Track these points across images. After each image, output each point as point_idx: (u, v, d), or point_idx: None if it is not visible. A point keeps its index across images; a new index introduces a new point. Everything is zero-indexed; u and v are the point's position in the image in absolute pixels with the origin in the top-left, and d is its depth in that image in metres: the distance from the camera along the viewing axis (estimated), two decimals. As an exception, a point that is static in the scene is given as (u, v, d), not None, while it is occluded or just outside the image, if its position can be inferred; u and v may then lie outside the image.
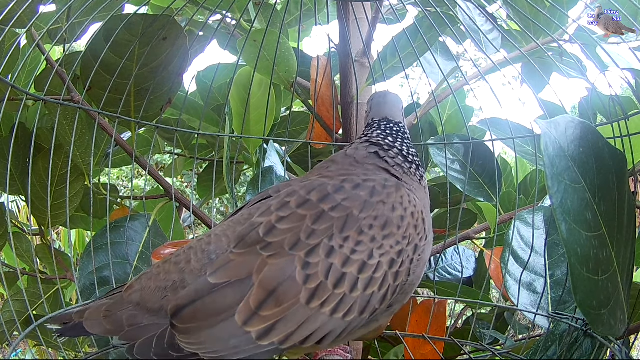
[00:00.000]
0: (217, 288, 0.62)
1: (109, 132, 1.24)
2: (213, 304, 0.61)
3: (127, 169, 3.45)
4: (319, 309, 0.61)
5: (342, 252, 0.62)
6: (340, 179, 0.69)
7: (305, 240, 0.62)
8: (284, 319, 0.60)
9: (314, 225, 0.63)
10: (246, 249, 0.63)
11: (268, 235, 0.63)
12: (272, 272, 0.61)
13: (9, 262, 1.67)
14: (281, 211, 0.65)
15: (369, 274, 0.63)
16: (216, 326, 0.61)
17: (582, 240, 0.66)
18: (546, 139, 0.66)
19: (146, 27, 1.07)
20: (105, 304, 0.71)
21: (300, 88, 1.51)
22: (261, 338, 0.60)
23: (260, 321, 0.60)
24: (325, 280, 0.61)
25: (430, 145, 1.40)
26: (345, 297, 0.62)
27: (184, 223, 2.00)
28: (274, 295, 0.60)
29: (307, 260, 0.61)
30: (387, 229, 0.64)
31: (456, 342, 1.07)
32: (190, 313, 0.62)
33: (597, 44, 1.31)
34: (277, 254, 0.62)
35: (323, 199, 0.65)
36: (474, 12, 1.42)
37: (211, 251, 0.67)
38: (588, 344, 0.87)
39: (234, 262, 0.63)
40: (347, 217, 0.63)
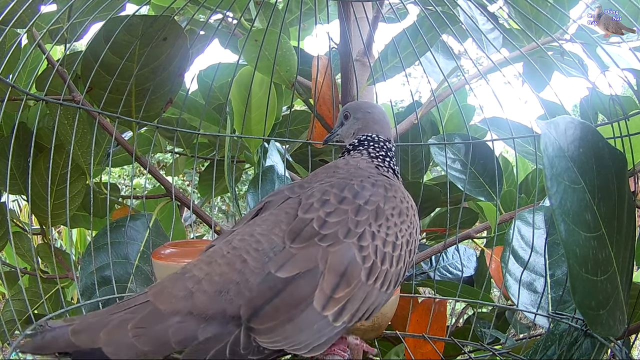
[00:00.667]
0: (291, 281, 0.64)
1: (110, 131, 1.24)
2: (291, 296, 0.63)
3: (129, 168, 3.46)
4: (373, 284, 0.69)
5: (380, 236, 0.71)
6: (358, 179, 0.77)
7: (354, 229, 0.69)
8: (352, 298, 0.66)
9: (357, 217, 0.70)
10: (305, 243, 0.67)
11: (322, 228, 0.69)
12: (338, 257, 0.66)
13: (9, 262, 1.67)
14: (326, 207, 0.71)
15: (398, 252, 0.73)
16: (298, 317, 0.63)
17: (581, 241, 0.66)
18: (546, 139, 0.66)
19: (146, 27, 1.07)
20: (129, 320, 0.60)
21: (301, 87, 1.51)
22: (336, 319, 0.65)
23: (334, 303, 0.64)
24: (376, 259, 0.69)
25: (431, 145, 1.40)
26: (387, 272, 0.71)
27: (185, 222, 2.00)
28: (344, 277, 0.66)
29: (360, 244, 0.68)
30: (402, 217, 0.75)
31: (456, 342, 1.07)
32: (271, 311, 0.62)
33: (598, 43, 1.31)
34: (335, 243, 0.67)
35: (355, 195, 0.73)
36: (474, 11, 1.42)
37: (267, 249, 0.68)
38: (588, 343, 0.87)
39: (298, 256, 0.66)
40: (376, 209, 0.72)
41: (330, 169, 0.84)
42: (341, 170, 0.83)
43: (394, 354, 1.27)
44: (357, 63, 1.41)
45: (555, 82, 1.51)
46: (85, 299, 1.08)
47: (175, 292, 0.63)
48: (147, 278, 1.14)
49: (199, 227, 3.76)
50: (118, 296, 1.07)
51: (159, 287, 0.65)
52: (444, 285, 1.40)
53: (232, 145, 1.37)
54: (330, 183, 0.76)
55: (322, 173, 0.84)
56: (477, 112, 1.90)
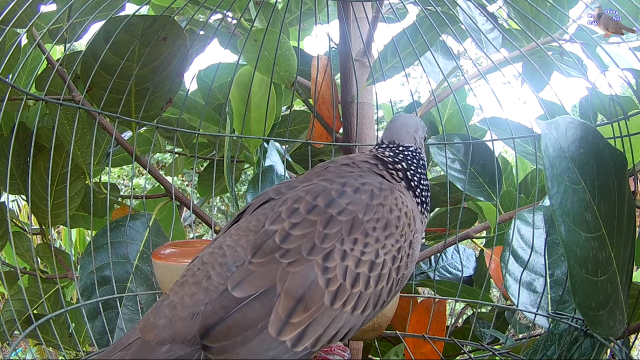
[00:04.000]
0: (244, 302, 0.60)
1: (110, 131, 1.24)
2: (244, 318, 0.60)
3: (128, 168, 3.46)
4: (341, 308, 0.63)
5: (353, 254, 0.65)
6: (340, 182, 0.71)
7: (320, 244, 0.63)
8: (313, 323, 0.61)
9: (326, 230, 0.64)
10: (265, 258, 0.63)
11: (284, 242, 0.64)
12: (296, 279, 0.61)
13: (9, 262, 1.67)
14: (292, 218, 0.66)
15: (378, 272, 0.66)
16: (252, 340, 0.59)
17: (581, 242, 0.66)
18: (546, 139, 0.66)
19: (146, 27, 1.07)
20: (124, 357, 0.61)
21: (300, 87, 1.51)
22: (295, 345, 0.60)
23: (292, 328, 0.60)
24: (344, 282, 0.63)
25: (430, 145, 1.40)
26: (362, 294, 0.65)
27: (184, 222, 2.00)
28: (302, 302, 0.61)
29: (325, 265, 0.63)
30: (387, 230, 0.68)
31: (456, 342, 1.07)
32: (222, 331, 0.59)
33: (597, 43, 1.31)
34: (297, 261, 0.62)
35: (329, 204, 0.67)
36: (474, 11, 1.42)
37: (229, 263, 0.65)
38: (588, 343, 0.87)
39: (255, 274, 0.62)
40: (353, 220, 0.66)
41: (324, 166, 0.80)
42: (331, 169, 0.78)
43: (394, 353, 1.28)
44: (357, 63, 1.41)
45: (555, 82, 1.51)
46: (84, 298, 1.08)
47: (157, 321, 0.63)
48: (147, 278, 1.14)
49: (199, 227, 3.77)
50: (118, 296, 1.07)
51: (145, 320, 0.64)
52: (443, 285, 1.40)
53: (231, 145, 1.37)
54: (307, 188, 0.71)
55: (317, 170, 0.80)
56: (477, 112, 1.90)
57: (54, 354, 2.39)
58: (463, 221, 1.64)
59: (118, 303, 1.07)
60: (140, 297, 1.10)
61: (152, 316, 0.64)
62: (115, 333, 1.05)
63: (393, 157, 0.81)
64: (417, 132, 0.86)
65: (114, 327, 1.05)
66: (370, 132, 1.39)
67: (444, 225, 1.55)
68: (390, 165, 0.80)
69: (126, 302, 1.09)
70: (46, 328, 1.28)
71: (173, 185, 1.29)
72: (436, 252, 1.40)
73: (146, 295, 1.11)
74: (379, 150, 0.83)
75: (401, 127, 0.86)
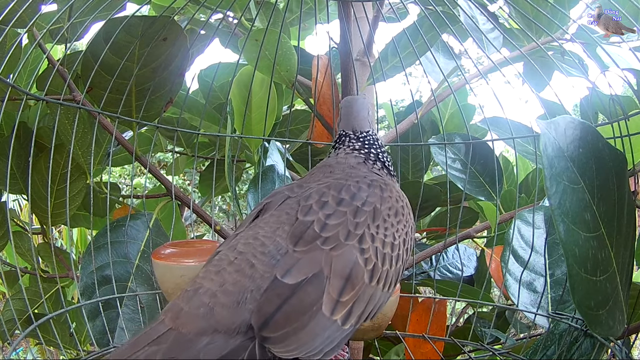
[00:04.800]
0: (298, 288, 0.63)
1: (110, 130, 1.24)
2: (300, 303, 0.62)
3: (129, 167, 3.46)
4: (376, 285, 0.69)
5: (378, 237, 0.71)
6: (354, 180, 0.78)
7: (353, 231, 0.69)
8: (357, 300, 0.66)
9: (355, 219, 0.71)
10: (308, 246, 0.67)
11: (323, 230, 0.69)
12: (341, 261, 0.66)
13: (9, 261, 1.67)
14: (325, 210, 0.71)
15: (397, 252, 0.74)
16: (309, 323, 0.62)
17: (580, 241, 0.66)
18: (545, 139, 0.66)
19: (146, 28, 1.07)
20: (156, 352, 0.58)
21: (301, 87, 1.51)
22: (345, 322, 0.65)
23: (342, 307, 0.64)
24: (377, 261, 0.70)
25: (431, 144, 1.40)
26: (388, 272, 0.72)
27: (185, 221, 2.00)
28: (349, 281, 0.66)
29: (361, 247, 0.69)
30: (397, 217, 0.76)
31: (456, 342, 1.07)
32: (281, 318, 0.61)
33: (598, 43, 1.31)
34: (337, 246, 0.67)
35: (353, 197, 0.74)
36: (474, 11, 1.42)
37: (272, 252, 0.67)
38: (588, 343, 0.87)
39: (302, 260, 0.65)
40: (374, 210, 0.73)
41: (326, 168, 0.84)
42: (336, 170, 0.83)
43: (394, 353, 1.28)
44: (357, 63, 1.41)
45: (555, 81, 1.51)
46: (85, 298, 1.08)
47: (193, 311, 0.61)
48: (148, 277, 1.14)
49: (200, 227, 3.77)
50: (118, 296, 1.07)
51: (175, 310, 0.62)
52: (444, 285, 1.40)
53: (232, 144, 1.37)
54: (327, 184, 0.77)
55: (318, 172, 0.84)
56: (477, 112, 1.90)
57: (55, 353, 2.40)
58: (463, 221, 1.64)
59: (118, 303, 1.07)
60: (140, 297, 1.10)
61: (184, 305, 0.62)
62: (115, 333, 1.05)
63: (367, 151, 0.88)
64: (369, 114, 0.92)
65: (114, 327, 1.05)
66: (371, 131, 1.39)
67: (444, 225, 1.55)
68: (371, 161, 0.87)
69: (127, 301, 1.09)
70: (47, 328, 1.28)
71: (173, 185, 1.29)
72: (437, 251, 1.40)
73: (147, 295, 1.11)
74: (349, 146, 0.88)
75: (358, 113, 0.91)
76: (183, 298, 0.64)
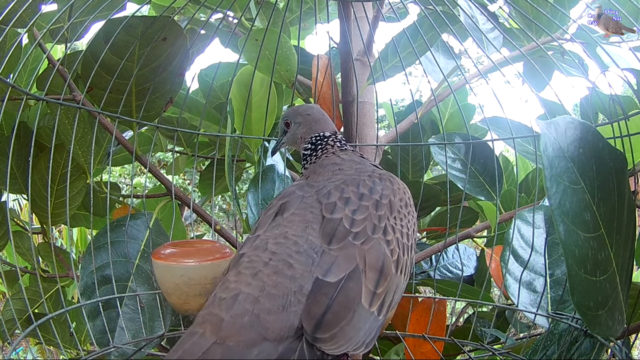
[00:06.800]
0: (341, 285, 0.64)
1: (110, 130, 1.24)
2: (346, 299, 0.63)
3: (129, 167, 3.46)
4: (400, 275, 0.71)
5: (397, 228, 0.74)
6: (366, 174, 0.80)
7: (378, 224, 0.71)
8: (389, 291, 0.68)
9: (377, 212, 0.73)
10: (341, 243, 0.68)
11: (353, 226, 0.70)
12: (373, 255, 0.68)
13: (10, 261, 1.67)
14: (349, 206, 0.73)
15: (411, 241, 0.76)
16: (353, 318, 0.63)
17: (580, 242, 0.66)
18: (545, 139, 0.66)
19: (145, 28, 1.07)
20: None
21: (301, 86, 1.51)
22: (379, 313, 0.67)
23: (377, 299, 0.66)
24: (399, 251, 0.72)
25: (431, 144, 1.40)
26: (407, 261, 0.74)
27: (185, 221, 2.00)
28: (383, 273, 0.68)
29: (387, 239, 0.71)
30: (407, 208, 0.79)
31: (456, 342, 1.07)
32: (332, 317, 0.61)
33: (598, 43, 1.31)
34: (367, 240, 0.69)
35: (371, 191, 0.76)
36: (474, 11, 1.42)
37: (308, 251, 0.68)
38: (588, 343, 0.87)
39: (339, 258, 0.67)
40: (389, 202, 0.76)
41: (333, 167, 0.85)
42: (344, 167, 0.85)
43: (394, 353, 1.28)
44: (357, 62, 1.41)
45: (555, 81, 1.51)
46: (85, 298, 1.08)
47: (237, 320, 0.58)
48: (148, 277, 1.14)
49: (200, 226, 3.77)
50: (118, 296, 1.07)
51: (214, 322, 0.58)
52: (444, 285, 1.40)
53: (232, 144, 1.37)
54: (342, 180, 0.79)
55: (325, 171, 0.85)
56: (477, 112, 1.90)
57: (55, 353, 2.40)
58: (463, 220, 1.64)
59: (118, 302, 1.07)
60: (140, 297, 1.10)
61: (225, 315, 0.59)
62: (115, 332, 1.05)
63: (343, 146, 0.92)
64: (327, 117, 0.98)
65: (114, 327, 1.05)
66: (371, 131, 1.39)
67: (444, 225, 1.55)
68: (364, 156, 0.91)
69: (127, 301, 1.09)
70: (47, 327, 1.28)
71: (173, 185, 1.29)
72: (437, 251, 1.40)
73: (147, 295, 1.11)
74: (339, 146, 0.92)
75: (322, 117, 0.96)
76: (220, 307, 0.60)
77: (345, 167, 0.85)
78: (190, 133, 1.35)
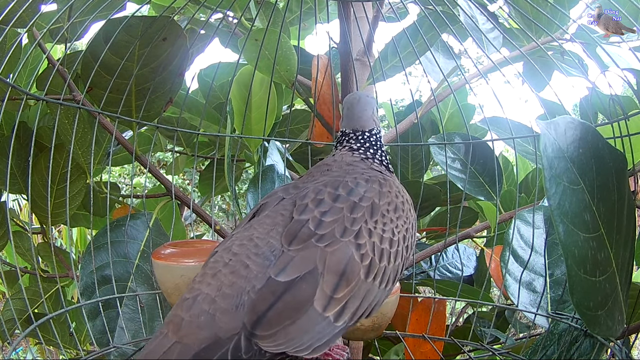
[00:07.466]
0: (292, 285, 0.63)
1: (110, 130, 1.24)
2: (293, 299, 0.62)
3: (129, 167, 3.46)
4: (372, 282, 0.68)
5: (376, 232, 0.71)
6: (352, 176, 0.77)
7: (350, 227, 0.69)
8: (352, 297, 0.65)
9: (352, 215, 0.70)
10: (302, 244, 0.66)
11: (319, 228, 0.68)
12: (336, 257, 0.66)
13: (9, 261, 1.67)
14: (321, 207, 0.71)
15: (395, 248, 0.73)
16: (299, 319, 0.62)
17: (579, 242, 0.66)
18: (545, 140, 0.66)
19: (145, 28, 1.07)
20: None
21: (301, 86, 1.51)
22: (337, 319, 0.64)
23: (335, 303, 0.64)
24: (374, 256, 0.69)
25: (431, 144, 1.40)
26: (386, 268, 0.70)
27: (185, 221, 2.00)
28: (344, 277, 0.65)
29: (357, 243, 0.68)
30: (397, 212, 0.75)
31: (456, 342, 1.07)
32: (274, 316, 0.60)
33: (598, 43, 1.31)
34: (333, 242, 0.67)
35: (350, 193, 0.73)
36: (474, 11, 1.42)
37: (266, 253, 0.67)
38: (588, 343, 0.87)
39: (296, 258, 0.65)
40: (372, 205, 0.72)
41: (323, 167, 0.84)
42: (334, 168, 0.82)
43: (394, 353, 1.28)
44: (357, 62, 1.41)
45: (555, 81, 1.51)
46: (85, 298, 1.08)
47: (195, 320, 0.60)
48: (148, 277, 1.14)
49: (199, 226, 3.77)
50: (118, 296, 1.07)
51: (176, 322, 0.61)
52: (443, 285, 1.40)
53: (232, 144, 1.37)
54: (323, 182, 0.76)
55: (316, 172, 0.83)
56: (477, 112, 1.90)
57: (55, 353, 2.40)
58: (463, 220, 1.64)
59: (118, 302, 1.07)
60: (140, 297, 1.10)
61: (184, 314, 0.61)
62: (115, 332, 1.05)
63: (365, 149, 0.87)
64: (374, 113, 0.91)
65: (114, 327, 1.05)
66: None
67: (444, 225, 1.55)
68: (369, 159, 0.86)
69: (127, 301, 1.09)
70: (47, 327, 1.29)
71: (173, 185, 1.30)
72: (436, 251, 1.40)
73: (147, 295, 1.11)
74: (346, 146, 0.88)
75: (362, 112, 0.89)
76: (183, 307, 0.62)
77: (334, 168, 0.83)
78: (190, 133, 1.35)
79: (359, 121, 0.89)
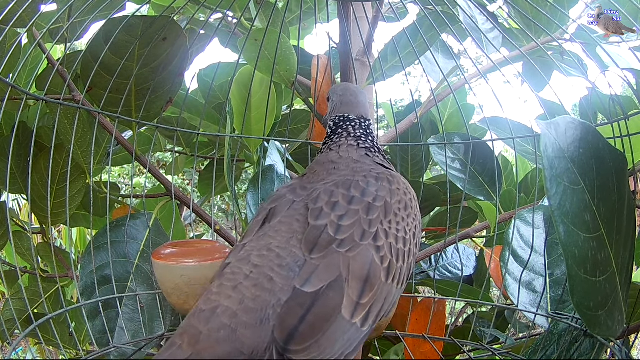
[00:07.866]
0: (319, 294, 0.61)
1: (110, 130, 1.24)
2: (323, 310, 0.60)
3: (129, 167, 3.46)
4: (392, 283, 0.68)
5: (391, 232, 0.70)
6: (362, 174, 0.76)
7: (368, 229, 0.68)
8: (376, 301, 0.65)
9: (369, 217, 0.69)
10: (324, 252, 0.65)
11: (338, 233, 0.67)
12: (358, 262, 0.65)
13: (9, 261, 1.67)
14: (337, 211, 0.69)
15: (408, 247, 0.73)
16: (329, 330, 0.60)
17: (580, 242, 0.66)
18: (546, 140, 0.66)
19: (145, 28, 1.07)
20: None
21: (301, 86, 1.51)
22: (364, 324, 0.63)
23: (362, 309, 0.63)
24: (392, 257, 0.69)
25: (430, 144, 1.40)
26: (402, 268, 0.71)
27: (185, 221, 2.00)
28: (368, 282, 0.64)
29: (376, 245, 0.67)
30: (407, 210, 0.75)
31: (456, 341, 1.07)
32: (306, 329, 0.58)
33: (597, 43, 1.31)
34: (353, 247, 0.66)
35: (363, 193, 0.72)
36: (474, 11, 1.42)
37: (290, 264, 0.65)
38: (587, 343, 0.87)
39: (320, 267, 0.64)
40: (384, 204, 0.72)
41: (329, 165, 0.82)
42: (341, 166, 0.81)
43: (394, 353, 1.28)
44: (357, 62, 1.41)
45: (555, 81, 1.51)
46: (85, 298, 1.08)
47: (214, 334, 0.57)
48: (148, 277, 1.14)
49: (199, 226, 3.77)
50: (118, 296, 1.07)
51: (192, 334, 0.58)
52: (443, 285, 1.40)
53: (232, 144, 1.37)
54: (334, 182, 0.75)
55: (321, 170, 0.82)
56: (477, 112, 1.90)
57: (54, 353, 2.40)
58: (463, 220, 1.65)
59: (118, 303, 1.07)
60: (140, 297, 1.10)
61: (202, 327, 0.58)
62: (115, 332, 1.05)
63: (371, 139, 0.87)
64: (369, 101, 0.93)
65: (114, 327, 1.05)
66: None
67: (444, 225, 1.55)
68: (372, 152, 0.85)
69: (127, 301, 1.09)
70: (46, 327, 1.29)
71: (173, 185, 1.29)
72: (436, 251, 1.40)
73: (147, 295, 1.11)
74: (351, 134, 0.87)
75: (365, 100, 0.90)
76: (199, 319, 0.60)
77: (342, 165, 0.81)
78: (189, 133, 1.35)
79: (363, 108, 0.89)
